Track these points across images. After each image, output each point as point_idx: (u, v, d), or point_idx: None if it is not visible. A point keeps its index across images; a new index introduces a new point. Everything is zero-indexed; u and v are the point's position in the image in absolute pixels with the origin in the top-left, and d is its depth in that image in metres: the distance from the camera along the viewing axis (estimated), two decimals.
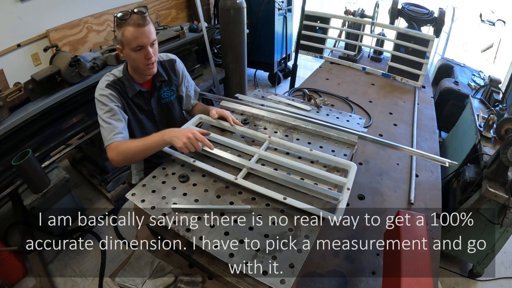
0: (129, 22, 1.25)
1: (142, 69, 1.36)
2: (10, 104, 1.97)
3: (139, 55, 1.30)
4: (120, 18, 1.26)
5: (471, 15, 4.08)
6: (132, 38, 1.26)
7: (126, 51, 1.31)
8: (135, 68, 1.39)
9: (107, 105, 1.33)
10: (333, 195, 1.10)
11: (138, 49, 1.29)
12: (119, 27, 1.27)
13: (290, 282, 0.86)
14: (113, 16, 1.29)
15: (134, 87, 1.41)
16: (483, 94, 2.68)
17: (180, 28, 3.01)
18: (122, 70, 1.43)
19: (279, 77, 4.52)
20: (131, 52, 1.30)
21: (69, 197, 2.25)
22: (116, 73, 1.43)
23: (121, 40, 1.29)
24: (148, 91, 1.48)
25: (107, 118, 1.32)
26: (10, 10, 2.49)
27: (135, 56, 1.31)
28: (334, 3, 5.47)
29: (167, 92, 1.53)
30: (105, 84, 1.37)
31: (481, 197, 1.77)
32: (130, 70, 1.42)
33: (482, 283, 2.14)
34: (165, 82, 1.52)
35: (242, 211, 1.05)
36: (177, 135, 1.22)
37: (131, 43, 1.27)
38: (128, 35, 1.26)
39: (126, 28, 1.26)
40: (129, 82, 1.40)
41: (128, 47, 1.29)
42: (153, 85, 1.48)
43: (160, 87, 1.51)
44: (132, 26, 1.25)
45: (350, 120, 1.64)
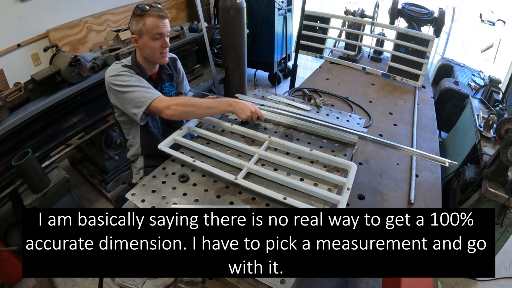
0: (151, 12, 1.35)
1: (157, 58, 1.44)
2: (10, 104, 1.97)
3: (157, 43, 1.39)
4: (142, 9, 1.35)
5: (471, 15, 4.08)
6: (154, 27, 1.36)
7: (144, 39, 1.38)
8: (148, 58, 1.45)
9: (132, 76, 1.39)
10: (332, 197, 1.10)
11: (157, 38, 1.38)
12: (140, 16, 1.35)
13: (290, 282, 0.86)
14: (134, 8, 1.36)
15: (145, 73, 1.48)
16: (483, 94, 2.68)
17: (180, 28, 3.01)
18: (130, 60, 1.49)
19: (279, 77, 4.52)
20: (150, 41, 1.38)
21: (69, 197, 2.26)
22: (124, 61, 1.48)
23: (140, 30, 1.37)
24: (154, 81, 1.55)
25: (138, 83, 1.38)
26: (10, 10, 2.48)
27: (152, 45, 1.39)
28: (334, 3, 5.47)
29: (168, 87, 1.62)
30: (119, 66, 1.42)
31: (481, 197, 1.77)
32: (141, 59, 1.48)
33: (482, 283, 2.14)
34: (168, 76, 1.61)
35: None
36: (242, 107, 1.37)
37: (152, 31, 1.36)
38: (151, 24, 1.35)
39: (148, 18, 1.35)
40: (140, 69, 1.47)
41: (148, 35, 1.37)
42: (158, 77, 1.56)
43: (163, 81, 1.59)
44: (155, 17, 1.35)
45: (350, 120, 1.64)
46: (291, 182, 1.15)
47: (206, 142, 1.42)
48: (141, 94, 1.35)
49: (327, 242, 0.82)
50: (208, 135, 1.42)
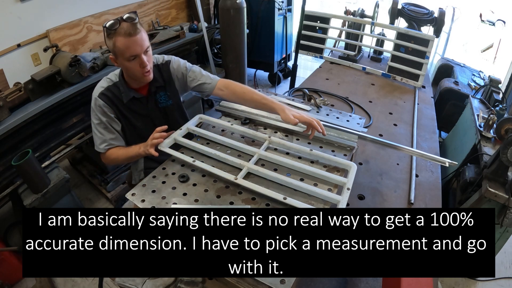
0: (119, 32, 1.20)
1: (139, 77, 1.34)
2: (10, 104, 1.97)
3: (134, 64, 1.27)
4: (109, 28, 1.21)
5: (471, 15, 4.08)
6: (125, 49, 1.22)
7: (120, 60, 1.28)
8: (131, 77, 1.37)
9: (100, 119, 1.39)
10: (332, 197, 1.10)
11: (132, 59, 1.26)
12: (109, 37, 1.23)
13: (290, 282, 0.86)
14: (102, 27, 1.23)
15: (128, 93, 1.40)
16: (483, 94, 2.68)
17: (180, 28, 3.02)
18: (118, 75, 1.42)
19: (279, 77, 4.52)
20: (125, 62, 1.27)
21: (69, 197, 2.26)
22: (112, 77, 1.42)
23: (113, 50, 1.26)
24: (144, 96, 1.45)
25: (99, 128, 1.41)
26: (10, 10, 2.48)
27: (129, 66, 1.28)
28: (334, 3, 5.47)
29: (163, 97, 1.50)
30: (99, 92, 1.38)
31: (481, 197, 1.77)
32: (126, 76, 1.40)
33: (482, 283, 2.14)
34: (161, 87, 1.48)
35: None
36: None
37: (124, 54, 1.24)
38: (120, 46, 1.22)
39: (117, 39, 1.21)
40: (123, 88, 1.39)
41: (122, 57, 1.26)
42: (149, 91, 1.45)
43: (156, 92, 1.47)
44: (123, 36, 1.20)
45: (350, 120, 1.64)
46: (291, 182, 1.15)
47: (206, 142, 1.42)
48: (96, 140, 1.43)
49: (327, 242, 0.82)
50: (208, 135, 1.42)
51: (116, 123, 1.43)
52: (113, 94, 1.39)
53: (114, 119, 1.42)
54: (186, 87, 1.54)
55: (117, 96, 1.40)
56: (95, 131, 1.41)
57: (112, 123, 1.41)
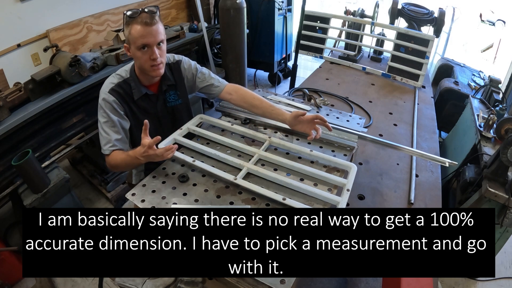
0: (137, 20, 1.23)
1: (147, 70, 1.32)
2: (10, 104, 1.97)
3: (145, 54, 1.27)
4: (129, 16, 1.24)
5: (471, 15, 4.08)
6: (138, 37, 1.23)
7: (132, 49, 1.28)
8: (141, 69, 1.35)
9: (109, 116, 1.32)
10: (332, 198, 1.10)
11: (143, 48, 1.26)
12: (127, 24, 1.25)
13: (290, 282, 0.86)
14: (123, 14, 1.25)
15: (140, 90, 1.38)
16: (483, 94, 2.68)
17: (180, 28, 3.01)
18: (129, 71, 1.40)
19: (279, 77, 4.52)
20: (137, 51, 1.27)
21: (69, 197, 2.26)
22: (122, 73, 1.39)
23: (128, 38, 1.27)
24: (155, 94, 1.44)
25: (106, 127, 1.32)
26: (10, 10, 2.48)
27: (140, 56, 1.28)
28: (334, 3, 5.47)
29: (173, 96, 1.49)
30: (109, 87, 1.34)
31: (481, 197, 1.77)
32: (137, 71, 1.38)
33: (482, 283, 2.14)
34: (172, 86, 1.48)
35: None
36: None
37: (136, 42, 1.24)
38: (134, 33, 1.23)
39: (133, 26, 1.23)
40: (135, 84, 1.38)
41: (134, 46, 1.26)
42: (159, 89, 1.44)
43: (166, 91, 1.47)
44: (139, 24, 1.22)
45: (350, 120, 1.64)
46: (291, 182, 1.15)
47: (206, 142, 1.42)
48: (102, 140, 1.32)
49: (327, 242, 0.82)
50: (208, 135, 1.42)
51: (126, 121, 1.38)
52: (124, 91, 1.37)
53: (124, 117, 1.37)
54: (194, 88, 1.55)
55: (127, 93, 1.38)
56: (101, 131, 1.34)
57: (122, 120, 1.36)
